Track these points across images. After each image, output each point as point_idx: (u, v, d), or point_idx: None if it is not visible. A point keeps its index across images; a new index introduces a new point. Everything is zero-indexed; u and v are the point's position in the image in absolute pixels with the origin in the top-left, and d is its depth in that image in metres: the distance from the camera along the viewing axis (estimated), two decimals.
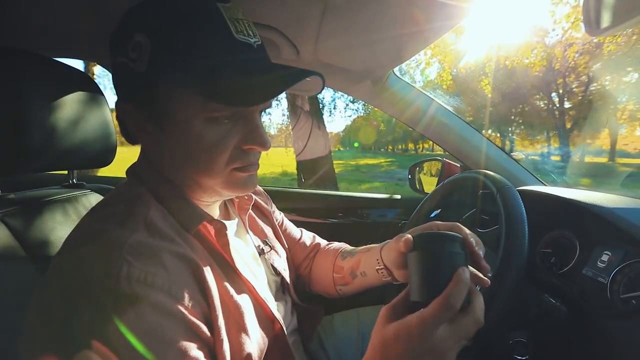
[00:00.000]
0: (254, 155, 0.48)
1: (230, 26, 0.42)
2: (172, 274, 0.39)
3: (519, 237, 0.49)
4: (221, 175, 0.46)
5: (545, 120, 18.33)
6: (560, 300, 0.60)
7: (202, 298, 0.42)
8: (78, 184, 0.76)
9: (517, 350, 0.59)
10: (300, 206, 1.35)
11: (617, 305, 0.60)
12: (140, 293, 0.35)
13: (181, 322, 0.38)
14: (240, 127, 0.45)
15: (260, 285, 0.56)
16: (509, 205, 0.54)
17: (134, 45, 0.41)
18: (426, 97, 1.01)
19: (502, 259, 0.49)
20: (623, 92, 15.92)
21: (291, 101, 4.56)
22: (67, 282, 0.36)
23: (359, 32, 0.67)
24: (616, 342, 0.55)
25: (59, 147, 0.59)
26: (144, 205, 0.45)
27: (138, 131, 0.47)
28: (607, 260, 0.69)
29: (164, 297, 0.37)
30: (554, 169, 13.14)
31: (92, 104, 0.66)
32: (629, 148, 21.17)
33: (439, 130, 1.05)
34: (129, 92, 0.45)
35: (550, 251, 0.82)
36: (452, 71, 13.70)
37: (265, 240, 0.67)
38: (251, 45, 0.44)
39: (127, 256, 0.37)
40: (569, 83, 15.87)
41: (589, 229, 0.74)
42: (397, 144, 37.13)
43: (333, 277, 0.73)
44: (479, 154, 1.05)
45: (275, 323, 0.55)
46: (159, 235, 0.42)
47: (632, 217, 0.64)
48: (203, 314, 0.42)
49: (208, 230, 0.50)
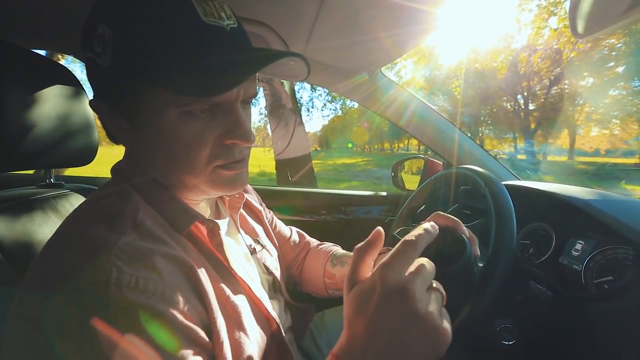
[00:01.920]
0: (239, 151, 0.44)
1: (197, 8, 0.38)
2: (165, 278, 0.36)
3: (508, 228, 0.52)
4: (204, 173, 0.43)
5: (512, 121, 19.33)
6: (545, 286, 0.63)
7: (198, 301, 0.40)
8: (56, 183, 0.71)
9: (503, 335, 0.62)
10: (283, 204, 1.35)
11: (591, 289, 0.65)
12: (131, 299, 0.33)
13: (177, 329, 0.36)
14: (220, 120, 0.41)
15: (255, 284, 0.54)
16: (498, 198, 0.57)
17: (98, 39, 0.38)
18: (410, 95, 1.04)
19: (493, 249, 0.51)
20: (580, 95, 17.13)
21: (269, 99, 4.52)
22: (49, 288, 0.33)
23: (352, 32, 0.68)
24: (593, 323, 0.59)
25: (36, 144, 0.55)
26: (132, 205, 0.42)
27: (115, 130, 0.44)
28: (580, 249, 0.74)
29: (158, 303, 0.34)
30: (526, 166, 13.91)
31: (72, 99, 0.63)
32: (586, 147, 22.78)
33: (422, 128, 1.09)
34: (99, 89, 0.42)
35: (529, 242, 0.88)
36: (426, 73, 14.14)
37: (256, 239, 0.65)
38: (223, 29, 0.39)
39: (116, 261, 0.34)
40: (533, 86, 16.84)
41: (563, 220, 0.80)
42: (373, 143, 37.74)
43: (324, 281, 0.73)
44: (461, 151, 1.10)
45: (271, 321, 0.54)
46: (150, 237, 0.39)
47: (604, 207, 0.69)
48: (200, 318, 0.39)
49: (200, 230, 0.47)
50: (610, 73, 15.49)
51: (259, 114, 7.24)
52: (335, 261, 0.73)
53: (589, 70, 15.36)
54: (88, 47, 0.40)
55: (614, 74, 15.50)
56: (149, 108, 0.39)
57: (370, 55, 0.80)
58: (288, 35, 0.77)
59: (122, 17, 0.37)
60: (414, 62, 7.04)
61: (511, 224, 0.52)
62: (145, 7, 0.37)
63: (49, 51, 1.21)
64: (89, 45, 0.40)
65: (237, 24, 0.42)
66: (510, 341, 0.62)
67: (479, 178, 0.62)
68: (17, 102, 0.52)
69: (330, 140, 41.19)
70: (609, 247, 0.68)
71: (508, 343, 0.62)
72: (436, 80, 15.34)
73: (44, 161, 0.60)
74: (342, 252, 0.76)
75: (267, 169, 10.12)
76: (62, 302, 0.32)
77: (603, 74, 15.47)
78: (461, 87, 14.52)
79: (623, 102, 16.70)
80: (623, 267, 0.63)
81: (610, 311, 0.58)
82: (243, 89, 0.42)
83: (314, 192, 1.43)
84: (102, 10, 0.39)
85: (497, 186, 0.60)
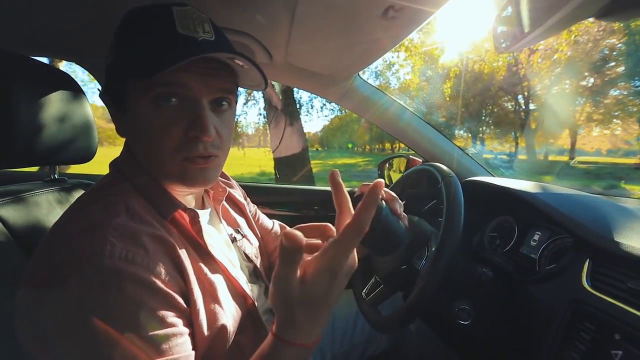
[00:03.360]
0: (203, 147, 0.49)
1: (176, 22, 0.47)
2: (150, 253, 0.43)
3: (456, 220, 0.58)
4: (172, 163, 0.49)
5: (513, 121, 19.33)
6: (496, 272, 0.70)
7: (178, 275, 0.46)
8: (60, 179, 0.79)
9: (460, 316, 0.69)
10: (277, 200, 1.42)
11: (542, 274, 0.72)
12: (122, 268, 0.40)
13: (159, 293, 0.42)
14: (186, 114, 0.48)
15: (233, 268, 0.60)
16: (450, 191, 0.63)
17: (110, 47, 0.51)
18: (388, 98, 1.11)
19: (442, 234, 0.58)
20: (581, 95, 17.11)
21: (268, 100, 4.58)
22: (56, 259, 0.40)
23: (325, 38, 0.75)
24: (535, 301, 0.66)
25: (43, 144, 0.63)
26: (125, 194, 0.49)
27: (116, 121, 0.54)
28: (537, 239, 0.81)
29: (143, 272, 0.41)
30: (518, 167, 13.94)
31: (74, 102, 0.70)
32: (587, 147, 22.71)
33: (401, 128, 1.15)
34: (105, 85, 0.53)
35: (496, 234, 0.94)
36: (425, 73, 14.16)
37: (237, 229, 0.71)
38: (193, 39, 0.47)
39: (110, 237, 0.41)
40: (534, 86, 16.84)
41: (524, 214, 0.87)
42: (373, 143, 37.71)
43: None
44: (438, 149, 1.16)
45: (247, 298, 0.59)
46: (139, 220, 0.47)
47: (550, 200, 0.76)
48: (179, 288, 0.45)
49: (183, 217, 0.54)
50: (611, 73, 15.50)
51: (258, 114, 7.30)
52: None
53: (589, 70, 15.37)
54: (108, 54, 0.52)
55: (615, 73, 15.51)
56: (131, 95, 0.48)
57: (346, 61, 0.87)
58: (269, 44, 0.84)
59: (122, 30, 0.50)
60: (412, 63, 7.09)
61: (459, 216, 0.58)
62: (136, 21, 0.49)
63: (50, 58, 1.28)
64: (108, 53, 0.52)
65: (213, 37, 0.50)
66: (466, 321, 0.69)
67: (437, 172, 0.69)
68: (26, 107, 0.59)
69: (330, 141, 41.21)
70: (560, 237, 0.75)
71: (464, 322, 0.69)
72: (436, 80, 15.39)
73: (50, 159, 0.67)
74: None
75: (267, 169, 10.19)
76: (65, 271, 0.39)
77: (604, 73, 15.49)
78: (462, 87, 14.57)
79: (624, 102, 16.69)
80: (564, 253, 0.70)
81: (548, 290, 0.65)
82: (205, 88, 0.49)
83: (302, 189, 1.50)
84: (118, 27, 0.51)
85: (452, 180, 0.66)
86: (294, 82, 1.08)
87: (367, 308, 0.72)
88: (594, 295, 0.55)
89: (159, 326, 0.41)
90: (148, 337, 0.39)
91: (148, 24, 0.48)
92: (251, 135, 13.33)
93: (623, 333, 0.49)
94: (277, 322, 0.40)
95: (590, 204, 0.75)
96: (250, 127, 11.10)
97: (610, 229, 0.62)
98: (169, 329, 0.42)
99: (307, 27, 0.71)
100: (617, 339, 0.49)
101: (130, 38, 0.49)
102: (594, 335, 0.52)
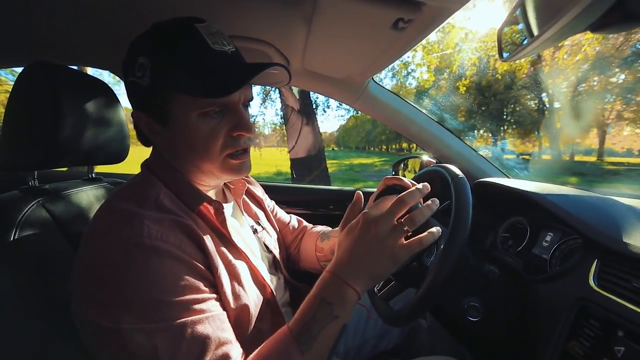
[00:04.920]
0: (244, 141, 0.59)
1: (207, 40, 0.53)
2: (179, 237, 0.50)
3: (464, 214, 0.60)
4: (217, 160, 0.57)
5: (536, 120, 18.65)
6: (504, 271, 0.72)
7: (204, 257, 0.53)
8: (96, 178, 0.87)
9: (470, 313, 0.71)
10: (292, 199, 1.48)
11: None
12: (158, 245, 0.47)
13: (191, 267, 0.49)
14: (228, 119, 0.56)
15: (254, 256, 0.67)
16: (459, 191, 0.65)
17: (139, 67, 0.53)
18: (401, 100, 1.13)
19: (450, 233, 0.60)
20: (610, 92, 16.29)
21: (284, 101, 4.66)
22: (104, 244, 0.47)
23: (340, 46, 0.79)
24: (542, 300, 0.68)
25: (84, 146, 0.70)
26: (155, 190, 0.56)
27: (150, 133, 0.58)
28: (549, 240, 0.82)
29: (176, 250, 0.48)
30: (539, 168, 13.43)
31: (110, 109, 0.77)
32: (617, 147, 21.60)
33: (414, 130, 1.18)
34: (140, 102, 0.57)
35: (509, 235, 0.95)
36: (444, 72, 13.87)
37: (257, 221, 0.78)
38: (225, 52, 0.54)
39: (146, 221, 0.48)
40: (559, 84, 16.19)
41: (537, 215, 0.87)
42: (390, 143, 37.28)
43: (316, 255, 0.85)
44: (451, 151, 1.18)
45: (266, 287, 0.65)
46: (167, 211, 0.53)
47: (564, 203, 0.77)
48: (206, 267, 0.52)
49: (208, 209, 0.61)
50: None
51: (275, 114, 7.40)
52: (323, 237, 0.85)
53: (620, 65, 14.61)
54: (130, 73, 0.55)
55: None
56: (177, 112, 0.54)
57: (360, 66, 0.91)
58: (287, 51, 0.89)
59: (156, 50, 0.53)
60: (429, 62, 7.00)
61: (466, 216, 0.60)
62: (171, 43, 0.52)
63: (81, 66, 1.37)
64: (131, 72, 0.55)
65: (235, 48, 0.58)
66: (476, 318, 0.71)
67: (446, 173, 0.71)
68: (69, 114, 0.66)
69: (346, 140, 41.08)
70: (571, 238, 0.76)
71: (474, 319, 0.71)
72: (455, 80, 15.07)
73: (89, 159, 0.74)
74: (329, 229, 0.89)
75: (284, 168, 10.32)
76: (111, 250, 0.46)
77: (636, 69, 14.69)
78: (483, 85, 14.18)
79: None
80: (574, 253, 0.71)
81: (556, 289, 0.66)
82: (242, 94, 0.57)
83: (318, 189, 1.55)
84: (140, 47, 0.55)
85: (461, 181, 0.68)
86: (311, 86, 1.13)
87: (379, 303, 0.76)
88: (600, 293, 0.57)
89: (195, 292, 0.47)
90: (187, 300, 0.46)
91: (182, 43, 0.52)
92: (268, 135, 13.49)
93: (626, 330, 0.50)
94: (336, 260, 0.54)
95: (600, 205, 0.75)
96: (267, 127, 11.31)
97: (619, 230, 0.63)
98: (204, 294, 0.49)
99: (322, 35, 0.75)
100: (620, 335, 0.51)
101: (167, 58, 0.52)
102: (598, 332, 0.54)
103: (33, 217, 0.62)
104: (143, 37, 0.55)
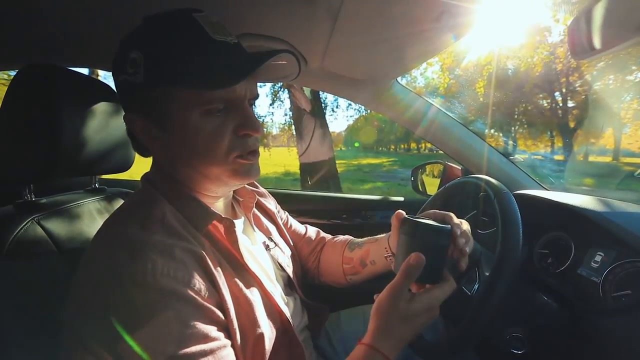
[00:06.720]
0: (252, 142, 0.52)
1: (207, 30, 0.47)
2: (188, 268, 0.44)
3: (514, 239, 0.53)
4: (226, 162, 0.50)
5: (549, 119, 18.25)
6: (553, 298, 0.63)
7: (215, 292, 0.47)
8: (100, 188, 0.81)
9: (514, 344, 0.63)
10: (305, 208, 1.40)
11: (609, 302, 0.64)
12: (164, 284, 0.40)
13: (201, 309, 0.43)
14: (233, 117, 0.50)
15: (268, 280, 0.60)
16: (505, 209, 0.58)
17: (131, 62, 0.47)
18: (427, 103, 1.05)
19: (498, 259, 0.53)
20: (627, 90, 15.82)
21: (293, 101, 4.60)
22: (99, 279, 0.41)
23: (365, 46, 0.71)
24: (606, 337, 0.59)
25: (85, 156, 0.64)
26: (160, 209, 0.49)
27: (147, 139, 0.51)
28: (600, 261, 0.73)
29: (185, 288, 0.42)
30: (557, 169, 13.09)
31: (114, 114, 0.71)
32: (634, 147, 21.01)
33: (440, 135, 1.09)
34: (133, 102, 0.51)
35: (548, 252, 0.86)
36: (455, 71, 13.67)
37: (270, 237, 0.71)
38: (228, 43, 0.49)
39: (150, 254, 0.41)
40: (573, 82, 15.80)
41: (583, 231, 0.78)
42: (399, 143, 37.04)
43: (343, 267, 0.77)
44: (480, 158, 1.09)
45: (282, 315, 0.59)
46: (175, 234, 0.47)
47: (621, 220, 0.68)
48: (216, 302, 0.46)
49: (217, 228, 0.54)
50: None
51: (284, 114, 7.38)
52: (352, 246, 0.78)
53: (637, 63, 14.18)
54: (122, 71, 0.49)
55: None
56: (177, 110, 0.47)
57: (385, 67, 0.83)
58: (306, 51, 0.81)
59: (150, 42, 0.47)
60: (440, 60, 6.86)
61: (517, 236, 0.54)
62: (168, 34, 0.47)
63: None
64: (122, 70, 0.48)
65: (237, 40, 0.52)
66: (520, 350, 0.63)
67: (490, 188, 0.64)
68: (69, 120, 0.60)
69: (355, 140, 40.91)
70: (629, 260, 0.67)
71: (518, 352, 0.63)
72: (465, 79, 14.83)
73: (92, 169, 0.68)
74: (359, 239, 0.81)
75: (292, 168, 10.28)
76: (109, 289, 0.39)
77: None
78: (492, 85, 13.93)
79: None
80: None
81: (625, 325, 0.57)
82: (248, 89, 0.50)
83: (331, 197, 1.47)
84: (132, 41, 0.48)
85: (506, 197, 0.61)
86: (328, 88, 1.06)
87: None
88: None
89: (202, 340, 0.42)
90: (196, 352, 0.40)
91: (180, 33, 0.47)
92: (276, 135, 13.51)
93: None
94: (373, 330, 0.49)
95: None
96: (275, 127, 11.28)
97: None
98: (214, 343, 0.43)
99: (347, 35, 0.68)
100: None
101: (163, 49, 0.46)
102: None
103: (27, 236, 0.56)
104: (135, 31, 0.49)
